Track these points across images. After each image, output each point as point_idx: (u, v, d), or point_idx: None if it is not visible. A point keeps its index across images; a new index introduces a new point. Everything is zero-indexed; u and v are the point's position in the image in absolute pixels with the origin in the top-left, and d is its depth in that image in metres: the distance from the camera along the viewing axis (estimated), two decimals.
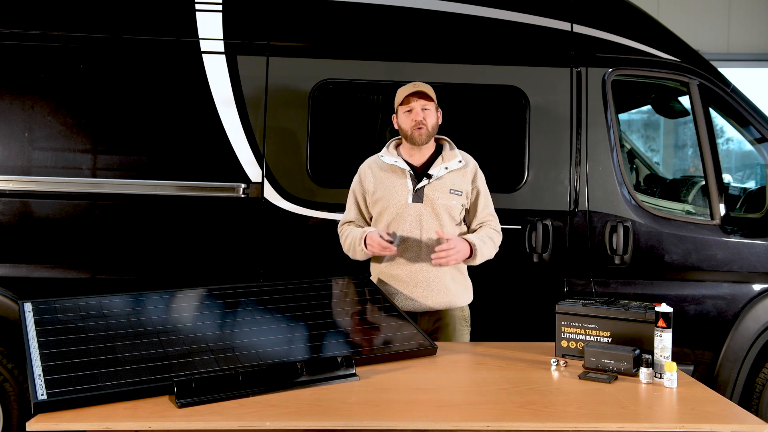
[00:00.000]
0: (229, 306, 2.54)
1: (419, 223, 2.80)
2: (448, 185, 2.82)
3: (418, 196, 2.81)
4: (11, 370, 3.27)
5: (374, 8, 3.52)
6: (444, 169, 2.83)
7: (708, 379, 3.48)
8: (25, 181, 3.32)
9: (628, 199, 3.51)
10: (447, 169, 2.83)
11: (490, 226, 2.90)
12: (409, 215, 2.81)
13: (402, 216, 2.81)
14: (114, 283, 3.31)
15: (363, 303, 2.76)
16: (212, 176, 3.40)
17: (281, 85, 3.45)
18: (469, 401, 2.06)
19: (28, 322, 2.20)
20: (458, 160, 2.85)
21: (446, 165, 2.83)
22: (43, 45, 3.36)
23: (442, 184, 2.82)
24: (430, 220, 2.80)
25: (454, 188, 2.83)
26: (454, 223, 2.86)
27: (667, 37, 3.70)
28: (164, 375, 2.01)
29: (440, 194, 2.81)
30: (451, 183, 2.83)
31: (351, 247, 2.87)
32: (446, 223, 2.82)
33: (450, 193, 2.82)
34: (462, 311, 2.91)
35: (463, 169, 2.86)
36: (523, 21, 3.55)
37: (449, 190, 2.82)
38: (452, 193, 2.82)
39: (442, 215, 2.81)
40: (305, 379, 2.10)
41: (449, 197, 2.81)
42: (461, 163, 2.85)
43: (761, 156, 3.78)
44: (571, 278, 3.50)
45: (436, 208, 2.80)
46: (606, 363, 2.29)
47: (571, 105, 3.53)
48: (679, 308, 3.41)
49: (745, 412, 1.98)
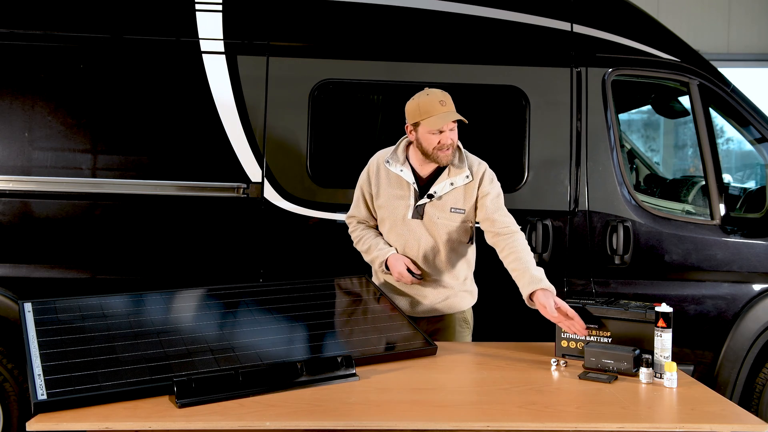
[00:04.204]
0: (229, 306, 2.54)
1: (417, 239, 2.76)
2: (449, 204, 2.73)
3: (418, 213, 2.75)
4: (11, 370, 3.27)
5: (374, 8, 3.52)
6: (449, 185, 2.72)
7: (708, 379, 3.48)
8: (25, 181, 3.31)
9: (628, 199, 3.51)
10: (452, 185, 2.72)
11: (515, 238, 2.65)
12: (407, 230, 2.77)
13: (401, 229, 2.78)
14: (114, 283, 3.31)
15: (363, 303, 2.76)
16: (212, 176, 3.39)
17: (281, 85, 3.45)
18: (469, 401, 2.06)
19: (28, 322, 2.20)
20: (466, 176, 2.72)
21: (452, 180, 2.72)
22: (43, 45, 3.36)
23: (443, 204, 2.73)
24: (428, 237, 2.76)
25: (456, 207, 2.73)
26: (453, 241, 2.76)
27: (667, 37, 3.70)
28: (164, 375, 2.01)
29: (440, 213, 2.73)
30: (453, 201, 2.73)
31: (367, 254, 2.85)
32: (443, 242, 2.75)
33: (450, 212, 2.73)
34: (463, 314, 2.90)
35: (469, 184, 2.74)
36: (523, 21, 3.55)
37: (450, 209, 2.73)
38: (453, 212, 2.74)
39: (440, 234, 2.74)
40: (305, 379, 2.10)
41: (450, 217, 2.74)
42: (468, 179, 2.73)
43: (761, 156, 3.77)
44: (571, 278, 3.50)
45: (436, 228, 2.74)
46: (606, 363, 2.29)
47: (571, 105, 3.53)
48: (679, 308, 3.41)
49: (745, 412, 1.98)
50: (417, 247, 2.77)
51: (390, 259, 2.76)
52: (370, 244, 2.84)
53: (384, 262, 2.77)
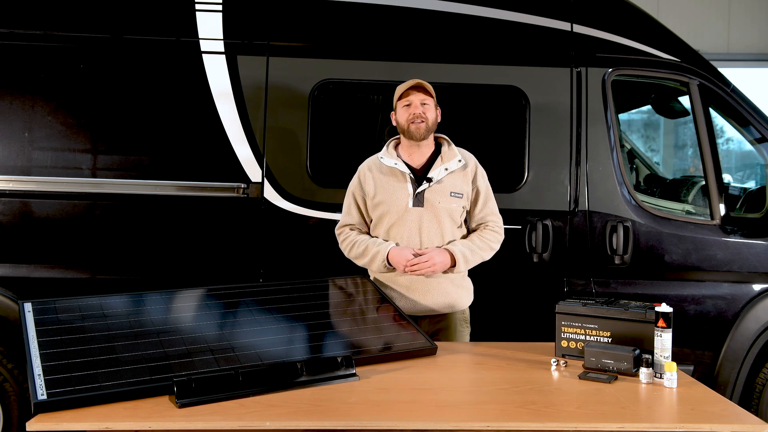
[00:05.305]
0: (229, 306, 2.54)
1: (419, 228, 2.79)
2: (448, 188, 2.81)
3: (419, 200, 2.79)
4: (11, 370, 3.27)
5: (374, 8, 3.52)
6: (444, 171, 2.81)
7: (708, 379, 3.48)
8: (25, 181, 3.31)
9: (628, 199, 3.51)
10: (447, 170, 2.81)
11: (488, 227, 2.89)
12: (410, 220, 2.79)
13: (402, 220, 2.80)
14: (114, 283, 3.31)
15: (363, 303, 2.76)
16: (212, 176, 3.39)
17: (281, 85, 3.45)
18: (469, 401, 2.06)
19: (28, 322, 2.20)
20: (458, 160, 2.83)
21: (446, 166, 2.81)
22: (43, 45, 3.36)
23: (442, 188, 2.80)
24: (430, 224, 2.79)
25: (455, 191, 2.81)
26: (455, 226, 2.84)
27: (667, 37, 3.70)
28: (164, 375, 2.01)
29: (441, 198, 2.79)
30: (452, 185, 2.81)
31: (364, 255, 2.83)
32: (447, 227, 2.81)
33: (451, 196, 2.80)
34: (463, 313, 2.91)
35: (463, 170, 2.85)
36: (523, 21, 3.55)
37: (450, 192, 2.80)
38: (453, 195, 2.80)
39: (443, 219, 2.80)
40: (305, 379, 2.10)
41: (450, 200, 2.80)
42: (461, 163, 2.84)
43: (761, 156, 3.78)
44: (571, 278, 3.50)
45: (438, 212, 2.79)
46: (606, 363, 2.29)
47: (571, 105, 3.53)
48: (679, 308, 3.41)
49: (745, 412, 1.98)
50: (419, 237, 2.78)
51: (392, 252, 2.76)
52: (367, 245, 2.83)
53: (386, 258, 2.77)
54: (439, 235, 2.80)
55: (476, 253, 2.81)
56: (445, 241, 2.81)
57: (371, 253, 2.81)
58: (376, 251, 2.79)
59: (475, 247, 2.81)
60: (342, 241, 2.94)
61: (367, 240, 2.86)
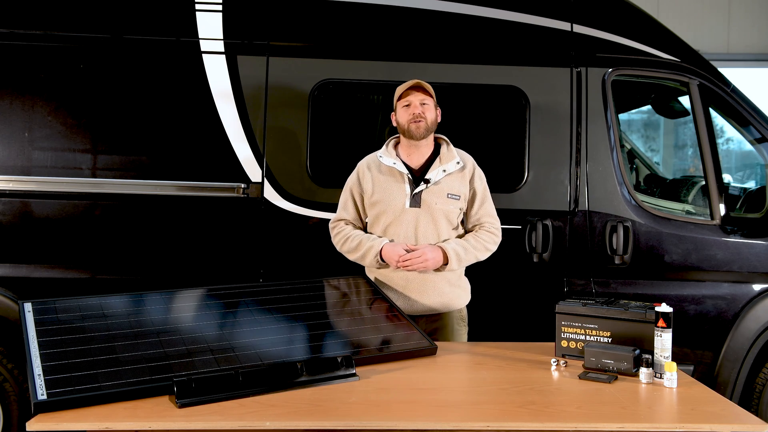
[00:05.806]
0: (229, 306, 2.54)
1: (415, 228, 2.79)
2: (445, 189, 2.81)
3: (416, 201, 2.79)
4: (11, 370, 3.27)
5: (374, 8, 3.52)
6: (442, 172, 2.81)
7: (708, 379, 3.48)
8: (25, 181, 3.32)
9: (628, 199, 3.51)
10: (445, 171, 2.81)
11: (483, 228, 2.88)
12: (406, 220, 2.80)
13: (399, 220, 2.80)
14: (114, 283, 3.31)
15: (363, 303, 2.76)
16: (212, 176, 3.40)
17: (281, 85, 3.45)
18: (469, 401, 2.06)
19: (28, 322, 2.20)
20: (456, 161, 2.83)
21: (444, 167, 2.81)
22: (43, 45, 3.36)
23: (439, 189, 2.80)
24: (427, 225, 2.79)
25: (452, 192, 2.81)
26: (451, 228, 2.84)
27: (667, 37, 3.70)
28: (164, 375, 2.01)
29: (438, 199, 2.79)
30: (449, 187, 2.81)
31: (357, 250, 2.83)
32: (443, 228, 2.81)
33: (448, 198, 2.80)
34: (460, 312, 2.91)
35: (461, 171, 2.85)
36: (523, 21, 3.55)
37: (447, 194, 2.80)
38: (450, 197, 2.81)
39: (439, 220, 2.80)
40: (305, 379, 2.10)
41: (447, 202, 2.80)
42: (459, 165, 2.84)
43: (761, 156, 3.78)
44: (571, 278, 3.50)
45: (434, 213, 2.79)
46: (606, 363, 2.29)
47: (571, 105, 3.53)
48: (679, 308, 3.41)
49: (745, 412, 1.98)
50: (415, 238, 2.79)
51: (385, 248, 2.76)
52: (360, 240, 2.84)
53: (378, 253, 2.77)
54: (435, 237, 2.80)
55: (470, 252, 2.81)
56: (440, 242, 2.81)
57: (365, 247, 2.81)
58: (369, 246, 2.80)
59: (470, 246, 2.81)
60: (335, 235, 2.95)
61: (361, 235, 2.87)
